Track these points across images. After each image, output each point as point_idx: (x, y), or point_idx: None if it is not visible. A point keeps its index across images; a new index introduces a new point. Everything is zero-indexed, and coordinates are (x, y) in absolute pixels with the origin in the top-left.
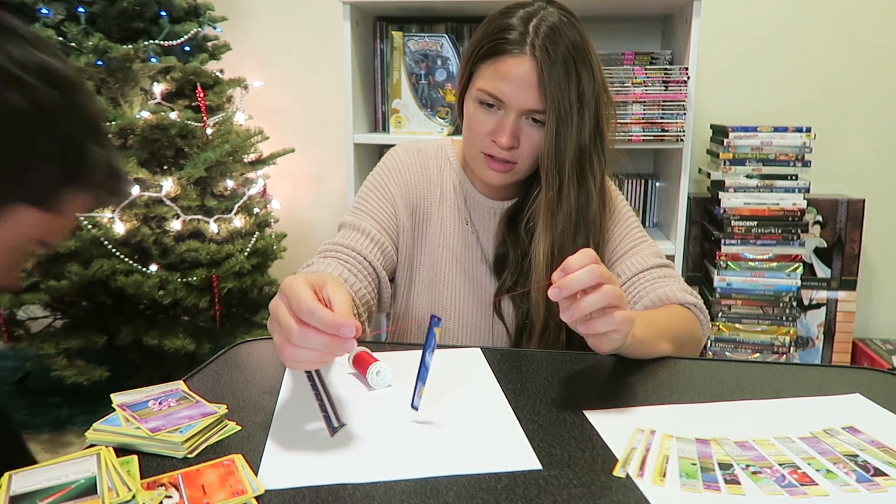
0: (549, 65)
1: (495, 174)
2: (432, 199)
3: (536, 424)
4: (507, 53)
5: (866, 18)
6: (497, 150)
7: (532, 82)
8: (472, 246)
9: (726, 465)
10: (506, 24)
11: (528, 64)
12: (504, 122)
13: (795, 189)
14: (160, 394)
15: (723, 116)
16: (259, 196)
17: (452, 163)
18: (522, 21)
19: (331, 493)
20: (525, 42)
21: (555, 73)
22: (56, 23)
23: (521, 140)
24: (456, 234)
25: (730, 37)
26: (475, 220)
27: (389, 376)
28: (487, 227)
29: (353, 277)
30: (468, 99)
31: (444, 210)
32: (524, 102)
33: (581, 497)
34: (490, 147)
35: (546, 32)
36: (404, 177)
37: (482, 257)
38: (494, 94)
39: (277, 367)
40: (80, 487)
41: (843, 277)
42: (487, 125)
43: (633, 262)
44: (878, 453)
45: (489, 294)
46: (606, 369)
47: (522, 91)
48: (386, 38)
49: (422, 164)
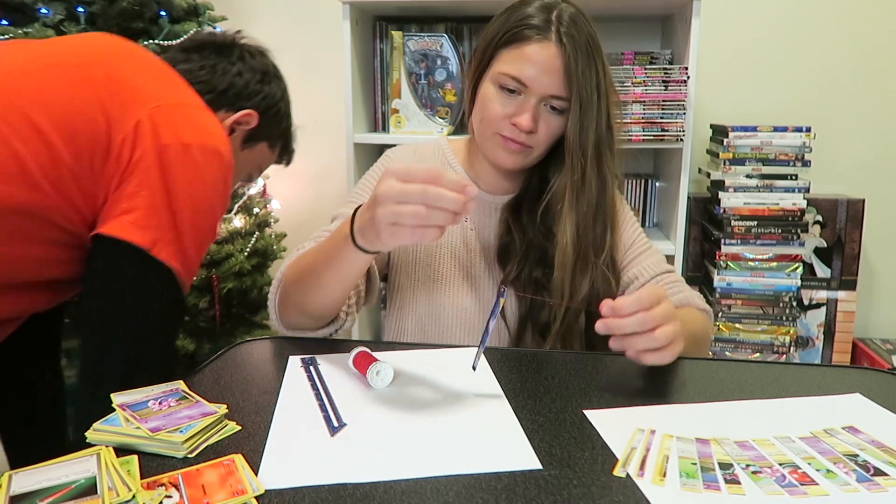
0: (574, 51)
1: (509, 155)
2: None
3: (536, 424)
4: (531, 39)
5: (866, 18)
6: (515, 133)
7: (556, 68)
8: (470, 243)
9: (726, 465)
10: (527, 14)
11: (554, 49)
12: (525, 105)
13: (795, 189)
14: (160, 394)
15: (723, 116)
16: (259, 196)
17: (451, 161)
18: (543, 10)
19: (331, 493)
20: (550, 29)
21: (579, 61)
22: (56, 23)
23: (538, 125)
24: (454, 232)
25: (730, 37)
26: (473, 216)
27: (389, 376)
28: (487, 223)
29: None
30: (485, 82)
31: None
32: (547, 88)
33: (581, 497)
34: (508, 129)
35: (568, 21)
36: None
37: (481, 253)
38: (518, 77)
39: (277, 367)
40: (80, 487)
41: (843, 277)
42: (506, 109)
43: (649, 266)
44: (878, 453)
45: (488, 291)
46: (606, 369)
47: (546, 76)
48: (386, 37)
49: (418, 162)
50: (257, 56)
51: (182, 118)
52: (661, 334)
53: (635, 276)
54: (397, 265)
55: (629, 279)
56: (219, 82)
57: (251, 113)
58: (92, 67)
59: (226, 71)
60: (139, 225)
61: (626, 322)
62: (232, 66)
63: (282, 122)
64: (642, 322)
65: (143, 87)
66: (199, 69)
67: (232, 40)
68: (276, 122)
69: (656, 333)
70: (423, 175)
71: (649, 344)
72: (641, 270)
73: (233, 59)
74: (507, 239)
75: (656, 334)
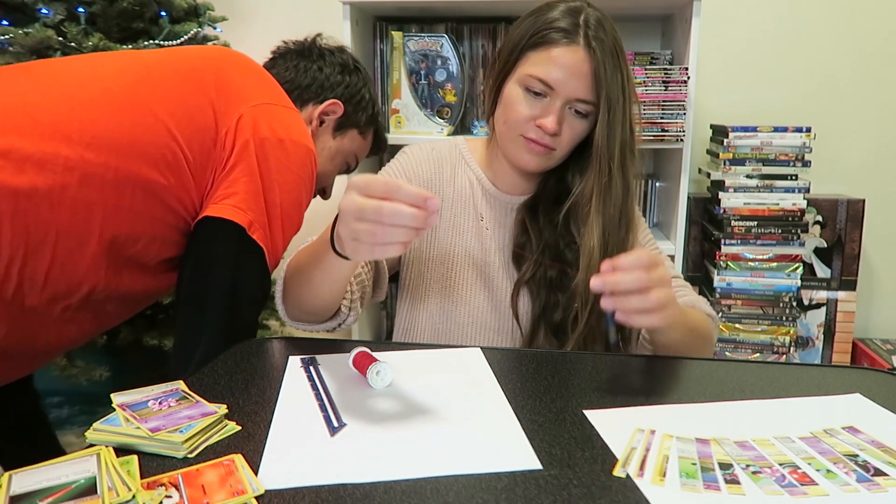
0: (602, 56)
1: (532, 157)
2: (444, 196)
3: (536, 424)
4: (559, 42)
5: (866, 18)
6: (539, 135)
7: (584, 72)
8: (486, 242)
9: (726, 465)
10: (553, 17)
11: (582, 53)
12: (550, 107)
13: (795, 189)
14: (160, 394)
15: (723, 116)
16: None
17: (468, 160)
18: (570, 14)
19: (331, 493)
20: (578, 32)
21: (607, 65)
22: (56, 23)
23: (563, 128)
24: (469, 231)
25: (730, 37)
26: (489, 216)
27: (389, 376)
28: (502, 222)
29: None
30: (510, 84)
31: (456, 207)
32: (574, 91)
33: (581, 497)
34: (532, 131)
35: (595, 25)
36: (415, 171)
37: (496, 253)
38: (545, 79)
39: (277, 367)
40: (80, 487)
41: (843, 277)
42: (531, 111)
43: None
44: (878, 453)
45: (502, 290)
46: (606, 369)
47: (574, 80)
48: (386, 38)
49: (435, 162)
50: (336, 52)
51: (277, 116)
52: (655, 296)
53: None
54: (409, 262)
55: None
56: (302, 79)
57: (336, 102)
58: (204, 72)
59: (307, 69)
60: (239, 207)
61: (623, 278)
62: (313, 64)
63: (368, 110)
64: (639, 281)
65: (245, 87)
66: (284, 71)
67: (312, 42)
68: (361, 109)
69: (651, 295)
70: (381, 189)
71: (643, 304)
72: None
73: (313, 57)
74: (524, 239)
75: (651, 295)
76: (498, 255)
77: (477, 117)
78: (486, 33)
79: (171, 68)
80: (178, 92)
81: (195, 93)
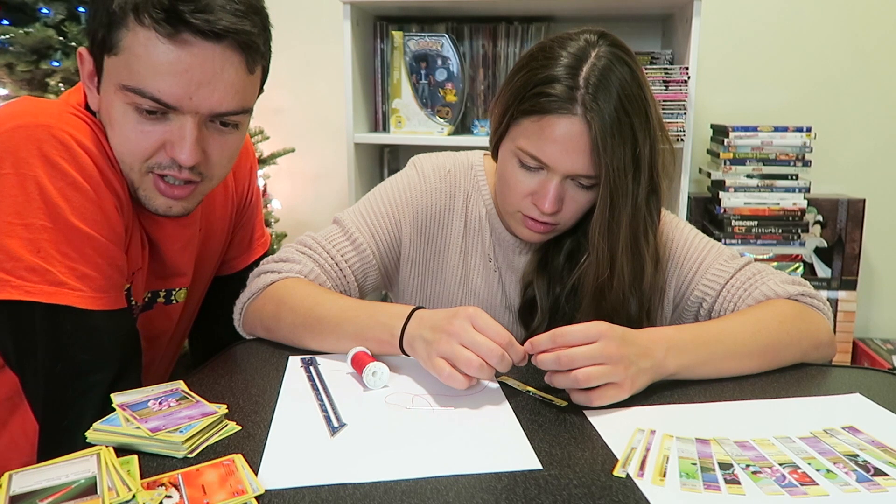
0: (602, 128)
1: (533, 234)
2: (454, 231)
3: (536, 424)
4: (553, 112)
5: (866, 18)
6: (538, 214)
7: (582, 147)
8: (493, 285)
9: (726, 465)
10: (551, 76)
11: (578, 126)
12: (547, 185)
13: (796, 189)
14: (160, 394)
15: (723, 116)
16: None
17: (482, 189)
18: (570, 70)
19: (331, 493)
20: (574, 100)
21: (609, 138)
22: (56, 23)
23: (564, 201)
24: (477, 270)
25: (730, 37)
26: (499, 256)
27: (385, 377)
28: (512, 264)
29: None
30: (505, 151)
31: (467, 244)
32: (571, 167)
33: (581, 497)
34: (530, 209)
35: (596, 84)
36: (425, 204)
37: (504, 299)
38: (538, 157)
39: (277, 367)
40: (80, 487)
41: (844, 277)
42: (528, 186)
43: (713, 277)
44: (878, 453)
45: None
46: None
47: (571, 156)
48: (386, 37)
49: (448, 192)
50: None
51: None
52: (583, 375)
53: (702, 299)
54: (409, 296)
55: (697, 299)
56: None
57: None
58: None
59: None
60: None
61: (542, 358)
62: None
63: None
64: (557, 361)
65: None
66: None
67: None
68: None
69: (576, 374)
70: (496, 334)
71: (568, 384)
72: (706, 289)
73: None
74: (532, 294)
75: (576, 375)
76: (505, 302)
77: (477, 117)
78: (486, 33)
79: None
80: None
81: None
